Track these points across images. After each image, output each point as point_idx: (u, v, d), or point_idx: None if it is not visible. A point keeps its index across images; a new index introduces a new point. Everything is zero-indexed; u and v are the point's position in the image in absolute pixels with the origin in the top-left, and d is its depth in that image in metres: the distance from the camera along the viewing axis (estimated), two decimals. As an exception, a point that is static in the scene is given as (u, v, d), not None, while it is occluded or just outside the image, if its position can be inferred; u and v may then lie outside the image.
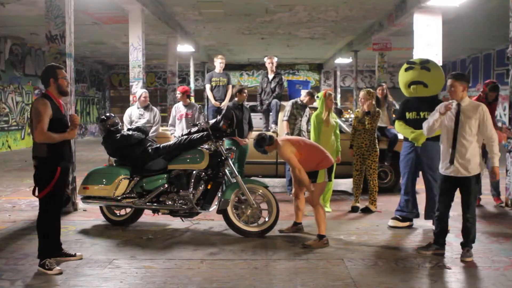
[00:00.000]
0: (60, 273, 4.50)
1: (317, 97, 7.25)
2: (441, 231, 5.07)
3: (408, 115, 6.02)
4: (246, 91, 7.80)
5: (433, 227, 5.98)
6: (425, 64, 5.98)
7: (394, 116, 8.42)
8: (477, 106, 4.83)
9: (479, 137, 4.85)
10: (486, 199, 7.77)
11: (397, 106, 8.68)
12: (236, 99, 7.70)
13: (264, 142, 5.55)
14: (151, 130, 8.06)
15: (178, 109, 8.47)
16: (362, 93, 7.14)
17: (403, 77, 6.11)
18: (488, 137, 4.83)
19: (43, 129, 4.47)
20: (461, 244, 4.96)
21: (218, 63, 9.65)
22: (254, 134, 8.00)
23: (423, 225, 6.23)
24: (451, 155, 4.81)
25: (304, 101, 7.92)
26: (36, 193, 4.60)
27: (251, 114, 8.03)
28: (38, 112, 4.50)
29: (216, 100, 9.55)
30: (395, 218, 6.27)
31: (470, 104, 4.85)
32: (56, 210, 4.76)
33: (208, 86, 9.67)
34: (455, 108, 4.84)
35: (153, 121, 8.29)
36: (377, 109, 7.18)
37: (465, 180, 4.84)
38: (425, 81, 5.87)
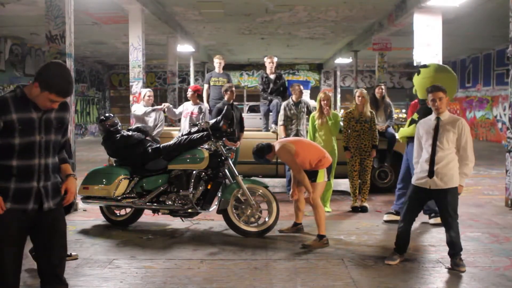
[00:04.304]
0: (76, 258, 4.84)
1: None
2: (403, 242, 4.83)
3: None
4: (233, 89, 7.78)
5: (430, 221, 6.13)
6: (420, 68, 6.19)
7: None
8: (456, 120, 4.67)
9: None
10: (486, 198, 7.78)
11: (393, 108, 8.80)
12: (225, 98, 7.67)
13: (264, 152, 5.50)
14: (156, 127, 8.05)
15: (186, 106, 8.41)
16: (359, 92, 7.13)
17: None
18: (462, 154, 4.62)
19: None
20: (450, 254, 4.71)
21: (217, 63, 9.64)
22: (246, 133, 8.05)
23: (422, 221, 6.24)
24: (429, 169, 4.60)
25: (294, 98, 7.92)
26: None
27: (251, 114, 8.00)
28: None
29: (215, 99, 9.49)
30: (389, 213, 6.39)
31: (449, 119, 4.67)
32: None
33: (206, 86, 9.56)
34: (434, 123, 4.67)
35: (158, 120, 8.23)
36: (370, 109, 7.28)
37: (440, 192, 4.62)
38: (415, 85, 6.16)
